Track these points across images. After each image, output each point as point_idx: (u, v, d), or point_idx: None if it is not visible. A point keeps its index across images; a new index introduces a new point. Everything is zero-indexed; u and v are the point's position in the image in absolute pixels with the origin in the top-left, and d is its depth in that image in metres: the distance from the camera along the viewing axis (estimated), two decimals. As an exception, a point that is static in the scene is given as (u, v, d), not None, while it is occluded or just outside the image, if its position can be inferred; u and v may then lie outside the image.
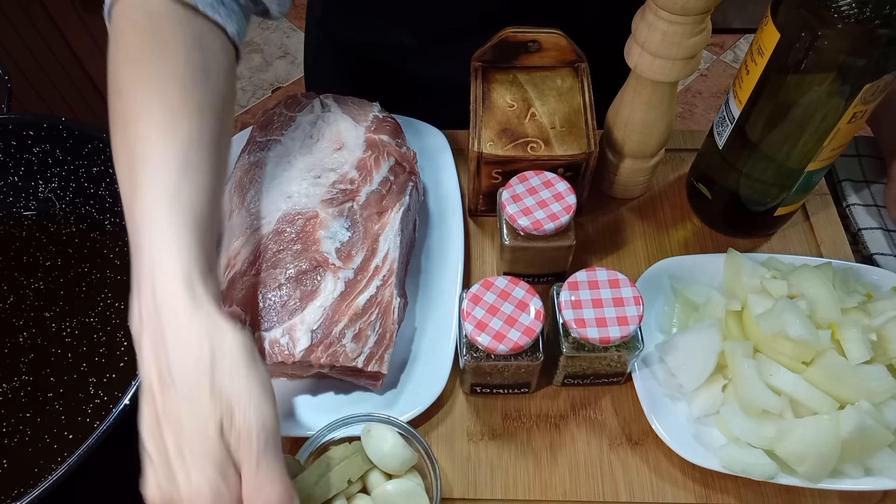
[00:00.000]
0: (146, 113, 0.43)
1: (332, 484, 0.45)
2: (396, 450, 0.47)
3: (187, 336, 0.38)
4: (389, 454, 0.46)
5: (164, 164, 0.41)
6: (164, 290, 0.39)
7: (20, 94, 1.42)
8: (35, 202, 0.67)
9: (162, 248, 0.39)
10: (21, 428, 0.55)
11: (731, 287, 0.58)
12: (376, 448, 0.47)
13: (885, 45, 0.45)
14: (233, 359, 0.38)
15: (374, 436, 0.47)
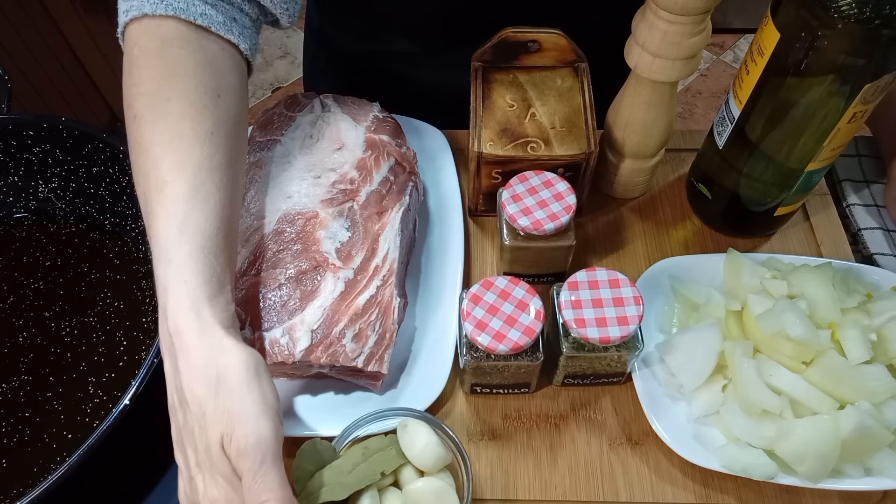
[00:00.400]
0: (159, 141, 0.45)
1: (365, 474, 0.46)
2: (430, 448, 0.47)
3: (195, 359, 0.41)
4: (423, 451, 0.47)
5: (175, 193, 0.44)
6: (175, 315, 0.42)
7: (20, 94, 1.42)
8: (35, 202, 0.67)
9: (171, 276, 0.43)
10: (21, 428, 0.55)
11: (731, 287, 0.58)
12: (410, 444, 0.47)
13: (885, 45, 0.45)
14: (235, 379, 0.41)
15: (410, 431, 0.47)
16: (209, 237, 0.44)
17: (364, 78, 0.79)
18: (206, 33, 0.49)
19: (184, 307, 0.42)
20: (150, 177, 0.45)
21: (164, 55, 0.47)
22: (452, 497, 0.46)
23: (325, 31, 0.79)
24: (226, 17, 0.50)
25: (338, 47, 0.79)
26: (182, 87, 0.46)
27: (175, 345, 0.42)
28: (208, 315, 0.42)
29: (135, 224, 0.65)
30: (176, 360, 0.41)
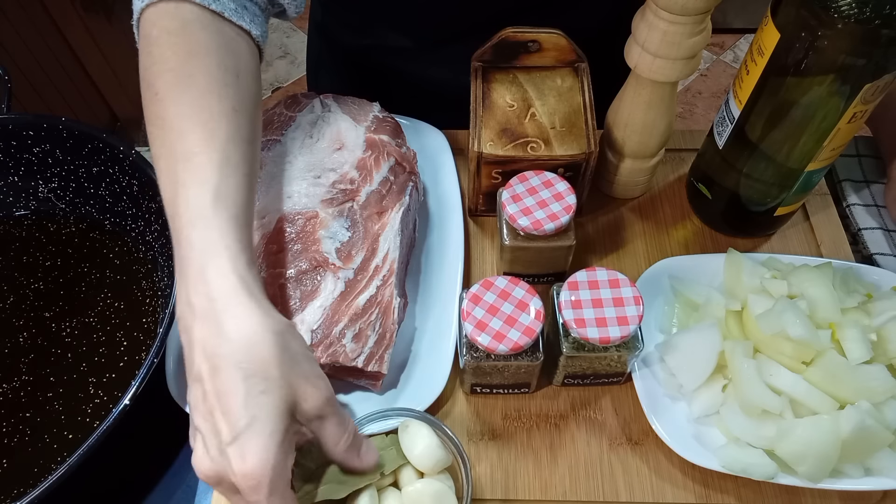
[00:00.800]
0: (185, 115, 0.45)
1: (364, 474, 0.45)
2: (431, 449, 0.47)
3: (248, 325, 0.40)
4: (423, 453, 0.46)
5: (207, 162, 0.44)
6: (218, 283, 0.41)
7: (20, 94, 1.42)
8: (35, 202, 0.67)
9: (211, 243, 0.42)
10: (21, 428, 0.55)
11: (731, 287, 0.58)
12: (411, 444, 0.47)
13: (885, 45, 0.45)
14: (298, 343, 0.41)
15: (411, 432, 0.47)
16: (242, 207, 0.44)
17: (363, 72, 0.79)
18: (220, 18, 0.49)
19: (227, 270, 0.41)
20: (176, 149, 0.44)
21: (185, 34, 0.47)
22: (451, 499, 0.46)
23: (326, 25, 0.79)
24: (237, 4, 0.50)
25: (338, 41, 0.79)
26: (205, 64, 0.46)
27: (219, 310, 0.40)
28: (252, 281, 0.42)
29: (135, 224, 0.65)
30: (219, 325, 0.40)
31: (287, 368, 0.40)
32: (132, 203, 0.64)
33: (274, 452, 0.38)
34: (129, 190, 0.63)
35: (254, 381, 0.38)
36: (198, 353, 0.40)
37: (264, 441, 0.38)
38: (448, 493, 0.46)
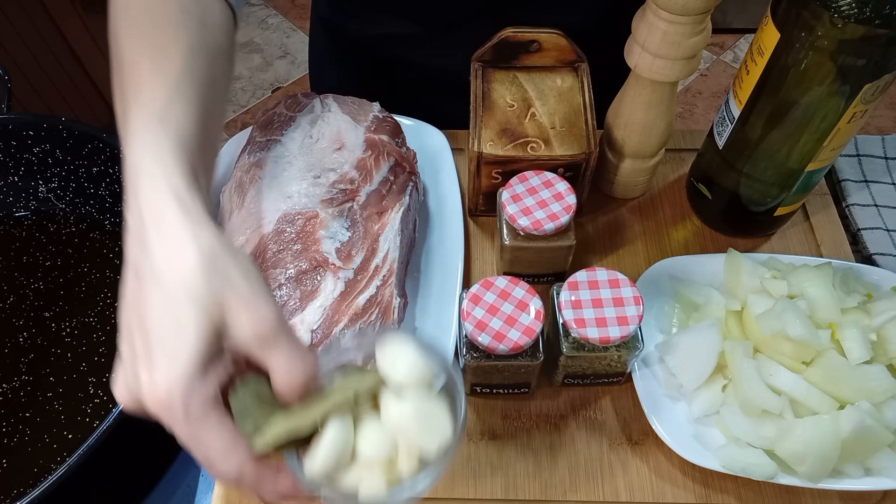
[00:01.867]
0: (139, 50, 0.44)
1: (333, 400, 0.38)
2: (415, 368, 0.39)
3: (173, 241, 0.36)
4: (406, 373, 0.39)
5: (154, 90, 0.42)
6: (149, 199, 0.38)
7: (20, 94, 1.43)
8: (35, 202, 0.68)
9: (146, 161, 0.39)
10: (21, 428, 0.55)
11: (731, 287, 0.58)
12: (391, 363, 0.40)
13: (885, 45, 0.45)
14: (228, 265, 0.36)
15: (390, 352, 0.40)
16: (190, 136, 0.41)
17: (369, 64, 0.78)
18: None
19: (160, 186, 0.38)
20: (128, 83, 0.43)
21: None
22: (445, 420, 0.39)
23: (331, 19, 0.79)
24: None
25: (343, 34, 0.78)
26: (166, 9, 0.45)
27: (146, 221, 0.37)
28: (187, 197, 0.38)
29: (135, 224, 0.65)
30: (145, 237, 0.37)
31: (215, 286, 0.35)
32: (132, 203, 0.64)
33: (187, 373, 0.34)
34: (129, 190, 0.63)
35: (173, 298, 0.35)
36: (129, 272, 0.37)
37: (176, 361, 0.34)
38: (440, 414, 0.39)
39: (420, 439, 0.38)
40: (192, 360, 0.34)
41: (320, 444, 0.37)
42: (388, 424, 0.39)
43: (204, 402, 0.34)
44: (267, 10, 2.25)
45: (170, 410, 0.34)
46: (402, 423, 0.38)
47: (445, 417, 0.39)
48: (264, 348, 0.36)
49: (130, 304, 0.37)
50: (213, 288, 0.35)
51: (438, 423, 0.39)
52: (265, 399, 0.37)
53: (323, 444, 0.37)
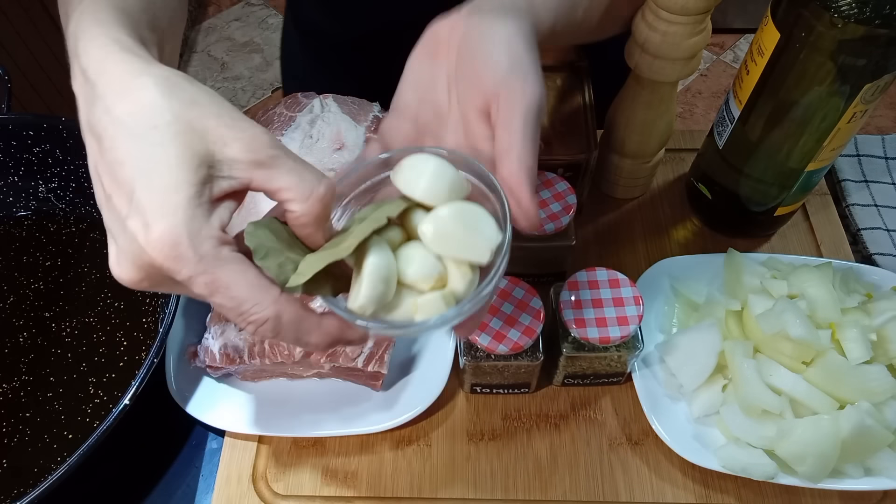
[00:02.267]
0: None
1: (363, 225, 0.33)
2: (442, 174, 0.35)
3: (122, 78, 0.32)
4: (433, 182, 0.35)
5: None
6: (88, 50, 0.34)
7: (20, 94, 1.43)
8: (35, 202, 0.67)
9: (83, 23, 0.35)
10: (21, 428, 0.55)
11: (731, 287, 0.58)
12: (414, 180, 0.35)
13: (885, 45, 0.45)
14: (188, 88, 0.32)
15: (409, 166, 0.36)
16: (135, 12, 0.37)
17: (349, 67, 0.76)
18: None
19: (102, 42, 0.33)
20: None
21: None
22: (489, 219, 0.35)
23: (308, 20, 0.76)
24: None
25: (321, 38, 0.76)
26: None
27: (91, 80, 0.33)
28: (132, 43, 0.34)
29: (135, 224, 0.65)
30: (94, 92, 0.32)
31: (184, 110, 0.31)
32: (132, 203, 0.64)
33: (186, 210, 0.30)
34: (129, 190, 0.63)
35: (140, 135, 0.31)
36: (87, 140, 0.33)
37: (169, 201, 0.30)
38: (482, 213, 0.35)
39: (466, 245, 0.34)
40: (187, 195, 0.30)
41: (364, 273, 0.33)
42: (432, 235, 0.34)
43: (215, 241, 0.31)
44: (267, 10, 2.25)
45: (180, 259, 0.30)
46: (446, 227, 0.34)
47: (486, 216, 0.35)
48: (265, 172, 0.32)
49: (97, 168, 0.32)
50: (183, 115, 0.31)
51: (480, 223, 0.35)
52: (282, 237, 0.34)
53: (367, 272, 0.33)
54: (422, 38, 0.42)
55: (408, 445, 0.55)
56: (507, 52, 0.38)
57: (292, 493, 0.53)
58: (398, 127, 0.42)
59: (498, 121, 0.38)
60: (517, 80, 0.38)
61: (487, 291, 0.34)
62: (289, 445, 0.55)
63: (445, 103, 0.42)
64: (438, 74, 0.42)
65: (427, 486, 0.53)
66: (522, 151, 0.36)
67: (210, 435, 0.57)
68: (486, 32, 0.39)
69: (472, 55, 0.39)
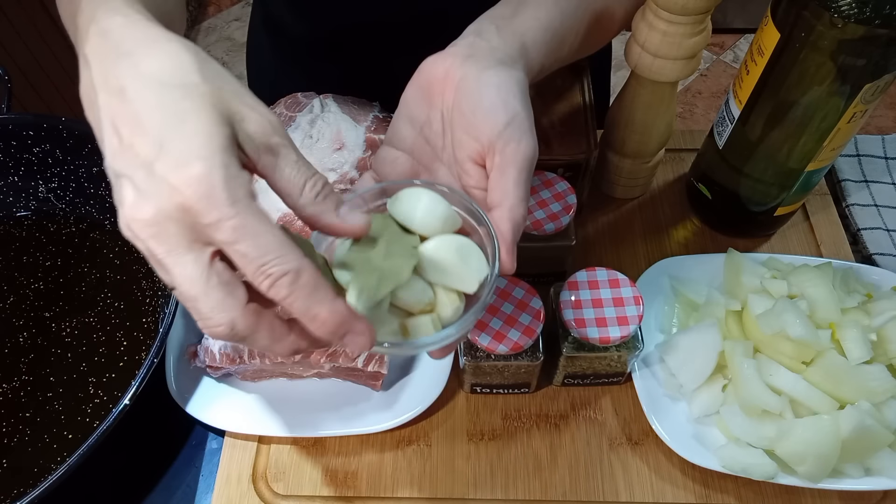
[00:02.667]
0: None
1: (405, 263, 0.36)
2: (435, 208, 0.38)
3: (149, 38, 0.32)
4: (427, 214, 0.38)
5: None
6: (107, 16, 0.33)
7: (20, 94, 1.43)
8: (35, 202, 0.67)
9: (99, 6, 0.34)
10: (21, 428, 0.55)
11: (731, 287, 0.58)
12: (409, 211, 0.38)
13: (885, 45, 0.45)
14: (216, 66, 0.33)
15: (404, 199, 0.38)
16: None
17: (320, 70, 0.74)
18: None
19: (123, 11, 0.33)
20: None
21: None
22: (477, 253, 0.38)
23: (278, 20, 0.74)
24: None
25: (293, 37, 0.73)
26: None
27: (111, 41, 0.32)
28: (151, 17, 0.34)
29: (135, 224, 0.65)
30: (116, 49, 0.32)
31: (211, 77, 0.32)
32: (132, 203, 0.64)
33: (219, 152, 0.30)
34: (129, 190, 0.63)
35: (172, 87, 0.31)
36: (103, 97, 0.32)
37: (202, 141, 0.30)
38: (472, 247, 0.38)
39: (456, 275, 0.37)
40: (221, 143, 0.30)
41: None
42: (421, 267, 0.37)
43: (248, 190, 0.30)
44: (267, 10, 2.25)
45: (213, 199, 0.29)
46: (435, 261, 0.37)
47: (476, 249, 0.38)
48: (272, 156, 0.32)
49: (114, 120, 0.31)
50: (212, 85, 0.31)
51: (471, 255, 0.38)
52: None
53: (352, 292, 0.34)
54: (416, 76, 0.44)
55: (408, 445, 0.55)
56: (504, 108, 0.40)
57: (292, 493, 0.53)
58: (394, 159, 0.44)
59: (493, 172, 0.40)
60: (513, 136, 0.39)
61: (473, 319, 0.37)
62: (289, 445, 0.55)
63: (440, 141, 0.44)
64: (433, 114, 0.44)
65: (427, 486, 0.53)
66: (515, 204, 0.39)
67: (210, 435, 0.57)
68: (483, 84, 0.41)
69: (471, 106, 0.41)
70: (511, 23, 0.45)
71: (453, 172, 0.43)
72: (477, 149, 0.40)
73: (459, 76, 0.41)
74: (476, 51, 0.43)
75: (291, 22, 0.73)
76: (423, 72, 0.44)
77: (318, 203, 0.33)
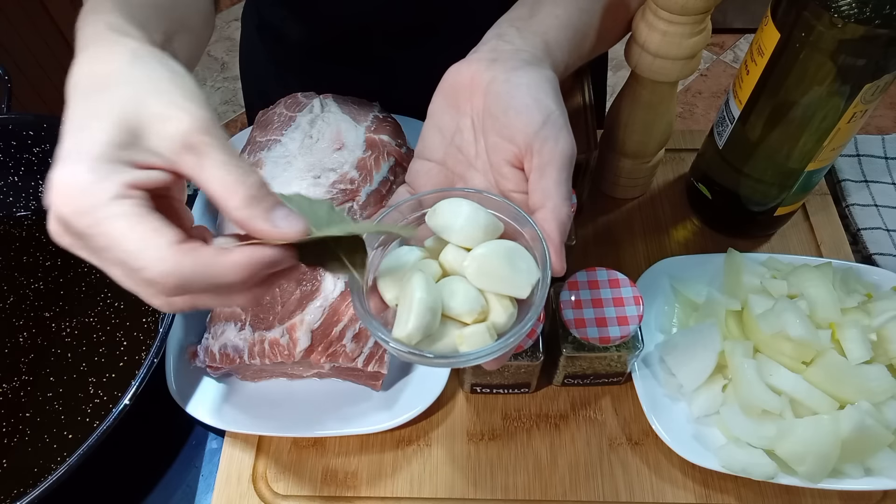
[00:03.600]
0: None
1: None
2: (477, 216, 0.37)
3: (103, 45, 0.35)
4: (468, 223, 0.37)
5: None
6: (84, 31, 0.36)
7: (20, 94, 1.42)
8: (35, 202, 0.68)
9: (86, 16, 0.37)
10: (21, 428, 0.55)
11: (731, 287, 0.58)
12: (450, 223, 0.37)
13: (885, 45, 0.45)
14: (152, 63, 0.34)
15: (444, 210, 0.38)
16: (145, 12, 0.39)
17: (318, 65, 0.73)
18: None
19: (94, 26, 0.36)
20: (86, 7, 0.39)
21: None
22: (527, 257, 0.37)
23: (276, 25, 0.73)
24: None
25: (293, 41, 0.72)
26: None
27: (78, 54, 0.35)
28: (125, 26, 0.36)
29: (135, 224, 0.65)
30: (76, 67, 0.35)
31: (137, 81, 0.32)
32: (132, 203, 0.64)
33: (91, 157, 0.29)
34: (129, 190, 0.63)
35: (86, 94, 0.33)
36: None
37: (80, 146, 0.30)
38: (521, 251, 0.37)
39: (507, 281, 0.36)
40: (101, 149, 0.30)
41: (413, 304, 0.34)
42: (472, 269, 0.36)
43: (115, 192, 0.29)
44: (267, 10, 2.25)
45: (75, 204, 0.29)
46: (484, 268, 0.36)
47: (524, 253, 0.37)
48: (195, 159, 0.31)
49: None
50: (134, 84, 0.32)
51: (520, 260, 0.36)
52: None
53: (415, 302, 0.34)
54: (441, 86, 0.43)
55: (408, 445, 0.55)
56: (538, 107, 0.39)
57: (292, 493, 0.53)
58: (427, 171, 0.44)
59: (532, 174, 0.39)
60: (550, 135, 0.39)
61: (529, 325, 0.35)
62: (289, 445, 0.55)
63: (472, 149, 0.43)
64: (463, 121, 0.43)
65: (427, 486, 0.53)
66: (558, 204, 0.38)
67: (210, 435, 0.57)
68: (513, 85, 0.40)
69: (502, 108, 0.40)
70: (530, 24, 0.45)
71: (489, 179, 0.42)
72: (514, 151, 0.40)
73: (487, 80, 0.41)
74: (500, 54, 0.42)
75: (289, 27, 0.72)
76: (447, 80, 0.43)
77: (248, 207, 0.31)
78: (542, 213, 0.38)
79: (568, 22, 0.46)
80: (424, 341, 0.36)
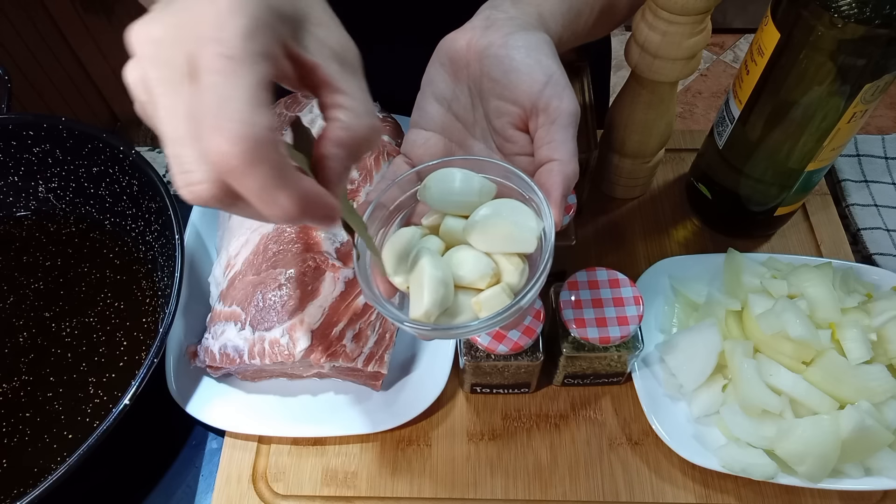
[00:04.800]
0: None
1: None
2: (470, 183, 0.37)
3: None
4: (462, 191, 0.37)
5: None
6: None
7: (20, 94, 1.43)
8: (35, 202, 0.67)
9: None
10: (21, 428, 0.55)
11: (731, 287, 0.58)
12: (444, 194, 0.37)
13: (885, 45, 0.45)
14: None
15: (436, 183, 0.37)
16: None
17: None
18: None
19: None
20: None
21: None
22: (527, 211, 0.36)
23: None
24: None
25: None
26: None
27: None
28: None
29: (135, 224, 0.65)
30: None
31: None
32: (132, 203, 0.64)
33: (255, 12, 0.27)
34: (129, 190, 0.63)
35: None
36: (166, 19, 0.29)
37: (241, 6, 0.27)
38: (519, 206, 0.37)
39: (511, 238, 0.36)
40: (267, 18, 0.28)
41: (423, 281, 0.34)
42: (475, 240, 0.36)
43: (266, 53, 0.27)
44: (267, 10, 2.25)
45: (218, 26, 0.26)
46: (487, 231, 0.36)
47: (523, 208, 0.36)
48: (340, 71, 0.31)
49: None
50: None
51: (520, 216, 0.36)
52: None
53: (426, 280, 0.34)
54: (436, 54, 0.43)
55: (408, 445, 0.55)
56: (539, 67, 0.39)
57: (292, 493, 0.53)
58: (425, 140, 0.43)
59: (538, 132, 0.39)
60: (554, 93, 0.38)
61: (545, 275, 0.35)
62: (289, 445, 0.55)
63: (470, 116, 0.43)
64: (459, 88, 0.42)
65: (427, 486, 0.53)
66: (566, 159, 0.37)
67: (210, 435, 0.57)
68: (511, 48, 0.40)
69: (502, 71, 0.39)
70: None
71: (490, 145, 0.42)
72: (518, 113, 0.39)
73: (484, 45, 0.40)
74: (494, 21, 0.41)
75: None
76: (442, 48, 0.42)
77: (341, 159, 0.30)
78: (548, 166, 0.38)
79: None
80: (443, 317, 0.35)
